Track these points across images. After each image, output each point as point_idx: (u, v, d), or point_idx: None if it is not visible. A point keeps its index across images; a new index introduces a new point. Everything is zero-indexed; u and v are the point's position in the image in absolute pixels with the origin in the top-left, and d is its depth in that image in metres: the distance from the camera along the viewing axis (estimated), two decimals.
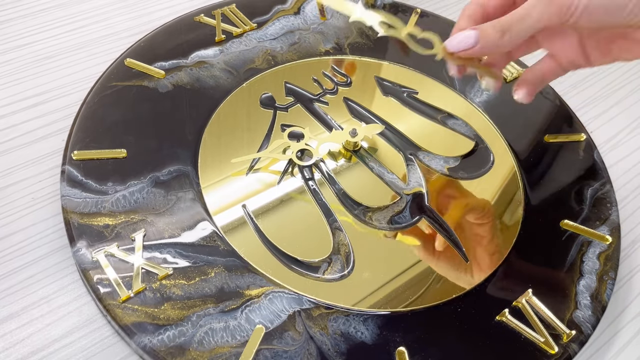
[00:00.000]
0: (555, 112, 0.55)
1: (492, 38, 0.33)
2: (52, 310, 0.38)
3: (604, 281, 0.43)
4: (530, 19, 0.32)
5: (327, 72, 0.54)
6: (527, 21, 0.32)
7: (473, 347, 0.39)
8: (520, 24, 0.32)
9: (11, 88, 0.50)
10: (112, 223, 0.40)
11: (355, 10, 0.38)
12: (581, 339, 0.40)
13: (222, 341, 0.36)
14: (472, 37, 0.34)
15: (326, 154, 0.48)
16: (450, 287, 0.42)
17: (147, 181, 0.43)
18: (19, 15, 0.57)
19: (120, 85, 0.49)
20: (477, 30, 0.34)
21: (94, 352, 0.37)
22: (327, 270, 0.41)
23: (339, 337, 0.38)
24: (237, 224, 0.42)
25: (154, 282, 0.38)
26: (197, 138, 0.47)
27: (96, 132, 0.45)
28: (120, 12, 0.59)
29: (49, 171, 0.45)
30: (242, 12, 0.58)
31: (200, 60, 0.53)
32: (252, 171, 0.46)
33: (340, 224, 0.44)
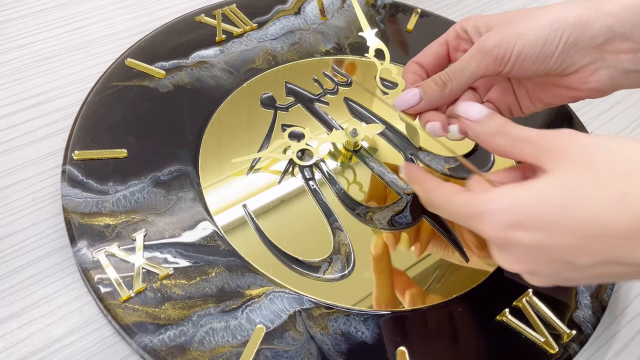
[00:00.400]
0: (556, 112, 0.55)
1: (435, 92, 0.36)
2: (52, 310, 0.38)
3: None
4: (468, 70, 0.35)
5: (327, 72, 0.55)
6: (465, 73, 0.35)
7: (473, 347, 0.39)
8: (460, 76, 0.35)
9: (11, 88, 0.50)
10: (112, 223, 0.40)
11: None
12: (581, 339, 0.40)
13: (222, 341, 0.36)
14: (417, 94, 0.36)
15: (326, 154, 0.48)
16: (451, 287, 0.42)
17: (147, 181, 0.43)
18: (19, 15, 0.57)
19: (121, 85, 0.49)
20: (420, 87, 0.36)
21: (94, 352, 0.37)
22: (327, 270, 0.41)
23: (340, 337, 0.38)
24: (237, 224, 0.42)
25: (154, 282, 0.38)
26: (197, 138, 0.47)
27: (97, 132, 0.45)
28: (121, 12, 0.59)
29: (49, 171, 0.45)
30: (243, 12, 0.58)
31: (201, 60, 0.53)
32: (253, 171, 0.46)
33: (340, 224, 0.44)
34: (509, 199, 0.29)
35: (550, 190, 0.28)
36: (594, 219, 0.27)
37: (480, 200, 0.30)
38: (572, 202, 0.27)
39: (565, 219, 0.27)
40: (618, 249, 0.27)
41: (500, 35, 0.33)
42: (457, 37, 0.38)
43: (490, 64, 0.34)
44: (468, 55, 0.35)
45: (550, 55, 0.33)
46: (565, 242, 0.28)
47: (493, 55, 0.34)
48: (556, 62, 0.34)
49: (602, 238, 0.27)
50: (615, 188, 0.27)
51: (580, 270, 0.29)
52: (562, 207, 0.27)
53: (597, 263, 0.28)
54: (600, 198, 0.27)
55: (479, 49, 0.34)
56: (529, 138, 0.31)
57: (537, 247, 0.29)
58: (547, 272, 0.30)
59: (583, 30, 0.33)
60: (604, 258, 0.28)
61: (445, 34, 0.39)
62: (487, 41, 0.34)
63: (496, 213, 0.29)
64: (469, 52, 0.35)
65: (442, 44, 0.39)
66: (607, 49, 0.34)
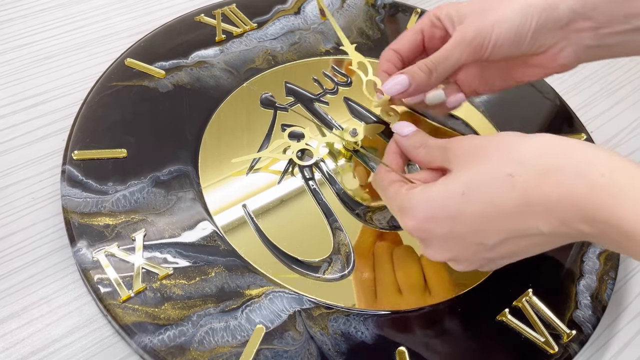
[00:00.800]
0: (556, 112, 0.55)
1: (422, 78, 0.39)
2: (52, 310, 0.38)
3: (604, 281, 0.43)
4: (452, 58, 0.38)
5: (327, 72, 0.54)
6: (450, 60, 0.38)
7: (473, 347, 0.39)
8: (445, 63, 0.38)
9: (11, 88, 0.50)
10: (112, 223, 0.40)
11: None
12: (581, 339, 0.40)
13: (222, 341, 0.36)
14: (405, 80, 0.39)
15: (326, 153, 0.48)
16: (451, 287, 0.42)
17: (147, 181, 0.43)
18: (19, 15, 0.57)
19: (121, 85, 0.49)
20: (407, 73, 0.39)
21: (94, 352, 0.37)
22: (327, 270, 0.41)
23: (340, 337, 0.38)
24: (237, 224, 0.42)
25: (154, 282, 0.38)
26: (197, 138, 0.47)
27: (96, 132, 0.45)
28: (121, 12, 0.59)
29: (49, 171, 0.45)
30: (243, 12, 0.58)
31: (201, 60, 0.53)
32: (253, 171, 0.46)
33: (340, 224, 0.44)
34: (423, 196, 0.33)
35: (452, 183, 0.33)
36: (489, 201, 0.31)
37: (402, 196, 0.34)
38: (470, 189, 0.32)
39: (467, 205, 0.32)
40: (515, 224, 0.31)
41: (478, 25, 0.37)
42: (431, 26, 0.41)
43: (472, 52, 0.37)
44: (451, 45, 0.38)
45: (523, 39, 0.37)
46: (472, 227, 0.32)
47: (474, 45, 0.37)
48: (528, 45, 0.38)
49: (499, 216, 0.31)
50: (502, 171, 0.31)
51: (493, 249, 0.33)
52: (462, 195, 0.32)
53: (504, 239, 0.32)
54: (492, 182, 0.31)
55: (461, 39, 0.37)
56: (441, 146, 0.35)
57: (450, 235, 0.33)
58: (466, 257, 0.34)
59: (549, 13, 0.37)
60: (507, 234, 0.31)
61: (419, 23, 0.41)
62: (468, 32, 0.37)
63: (414, 209, 0.34)
64: (452, 42, 0.38)
65: (418, 32, 0.41)
66: (571, 29, 0.37)
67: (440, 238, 0.34)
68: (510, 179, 0.30)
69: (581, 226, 0.29)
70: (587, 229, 0.29)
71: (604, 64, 0.64)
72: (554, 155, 0.30)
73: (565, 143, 0.31)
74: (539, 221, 0.30)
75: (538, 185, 0.30)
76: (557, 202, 0.29)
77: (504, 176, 0.30)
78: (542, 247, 0.33)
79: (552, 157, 0.30)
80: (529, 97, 0.57)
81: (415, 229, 0.34)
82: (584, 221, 0.29)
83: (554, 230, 0.30)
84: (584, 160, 0.29)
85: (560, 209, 0.29)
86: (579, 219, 0.29)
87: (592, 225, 0.29)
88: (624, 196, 0.28)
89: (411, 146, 0.37)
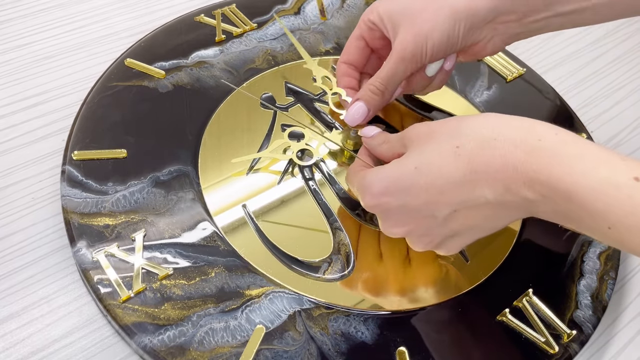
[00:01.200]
0: (556, 112, 0.55)
1: (376, 101, 0.43)
2: (52, 310, 0.38)
3: (605, 281, 0.43)
4: (397, 76, 0.42)
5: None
6: (396, 78, 0.42)
7: (474, 347, 0.39)
8: (392, 81, 0.42)
9: (11, 88, 0.50)
10: (112, 223, 0.40)
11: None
12: (582, 339, 0.40)
13: (222, 341, 0.36)
14: (362, 107, 0.43)
15: (326, 154, 0.48)
16: (451, 287, 0.42)
17: (147, 181, 0.43)
18: (19, 15, 0.57)
19: (121, 86, 0.49)
20: (362, 100, 0.43)
21: (94, 352, 0.37)
22: (327, 270, 0.41)
23: (340, 337, 0.38)
24: (237, 224, 0.42)
25: (154, 282, 0.38)
26: (197, 138, 0.47)
27: (96, 132, 0.45)
28: (120, 12, 0.59)
29: (49, 171, 0.45)
30: (243, 12, 0.58)
31: (201, 60, 0.53)
32: (253, 171, 0.46)
33: (340, 224, 0.44)
34: (379, 174, 0.36)
35: (405, 160, 0.35)
36: (439, 172, 0.33)
37: (360, 176, 0.37)
38: (421, 162, 0.34)
39: (419, 177, 0.34)
40: (463, 194, 0.32)
41: (413, 40, 0.40)
42: (369, 30, 0.44)
43: (413, 64, 0.42)
44: (393, 64, 0.42)
45: (455, 43, 0.41)
46: (424, 198, 0.34)
47: (414, 59, 0.41)
48: (460, 45, 0.42)
49: (449, 187, 0.33)
50: (450, 144, 0.33)
51: (446, 223, 0.34)
52: (415, 168, 0.34)
53: (454, 211, 0.33)
54: (440, 154, 0.33)
55: (402, 57, 0.41)
56: (399, 136, 0.38)
57: (404, 208, 0.35)
58: (420, 231, 0.36)
59: (474, 16, 0.40)
60: (456, 205, 0.33)
61: (358, 29, 0.45)
62: (406, 51, 0.41)
63: (370, 186, 0.36)
64: (393, 60, 0.41)
65: (360, 38, 0.45)
66: (497, 23, 0.41)
67: (396, 211, 0.36)
68: (456, 149, 0.33)
69: (524, 191, 0.31)
70: (530, 194, 0.30)
71: (604, 64, 0.64)
72: (494, 126, 0.32)
73: (505, 117, 0.33)
74: (484, 188, 0.32)
75: (480, 153, 0.32)
76: (500, 168, 0.31)
77: (451, 148, 0.33)
78: (493, 222, 0.34)
79: (492, 129, 0.32)
80: (529, 97, 0.57)
81: (372, 203, 0.36)
82: (526, 186, 0.30)
83: (500, 198, 0.32)
84: (522, 127, 0.32)
85: (503, 174, 0.31)
86: (521, 183, 0.30)
87: (534, 190, 0.30)
88: (562, 155, 0.30)
89: (375, 144, 0.40)
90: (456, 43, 0.41)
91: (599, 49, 0.66)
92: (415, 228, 0.36)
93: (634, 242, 0.28)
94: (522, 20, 0.41)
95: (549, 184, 0.29)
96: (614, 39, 0.68)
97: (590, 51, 0.66)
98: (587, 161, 0.29)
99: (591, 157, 0.29)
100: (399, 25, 0.42)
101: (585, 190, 0.28)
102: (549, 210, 0.31)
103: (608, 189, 0.28)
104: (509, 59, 0.59)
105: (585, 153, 0.29)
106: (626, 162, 0.29)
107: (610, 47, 0.67)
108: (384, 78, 0.42)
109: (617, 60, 0.65)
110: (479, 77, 0.57)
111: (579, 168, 0.29)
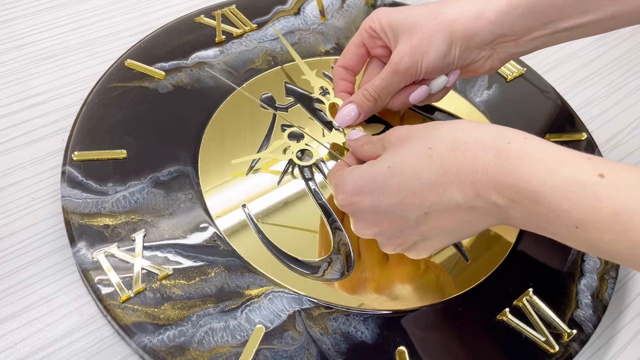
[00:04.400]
0: (557, 111, 0.55)
1: (369, 106, 0.44)
2: (52, 310, 0.38)
3: (605, 280, 0.43)
4: (391, 87, 0.43)
5: (327, 72, 0.54)
6: (390, 88, 0.43)
7: (474, 346, 0.39)
8: (386, 91, 0.43)
9: (11, 88, 0.50)
10: (112, 223, 0.40)
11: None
12: (582, 338, 0.40)
13: (222, 341, 0.36)
14: (354, 109, 0.44)
15: (326, 154, 0.48)
16: (451, 286, 0.41)
17: (147, 182, 0.43)
18: (19, 15, 0.57)
19: (121, 86, 0.49)
20: (355, 102, 0.44)
21: (94, 352, 0.37)
22: (327, 270, 0.41)
23: (339, 337, 0.38)
24: (237, 224, 0.42)
25: (154, 282, 0.38)
26: (197, 138, 0.47)
27: (96, 132, 0.45)
28: (121, 12, 0.59)
29: (49, 171, 0.45)
30: (242, 12, 0.58)
31: (201, 61, 0.53)
32: (252, 172, 0.46)
33: (340, 224, 0.44)
34: (353, 173, 0.36)
35: (380, 161, 0.35)
36: (412, 173, 0.33)
37: (337, 176, 0.37)
38: (395, 163, 0.34)
39: (392, 177, 0.34)
40: (434, 196, 0.33)
41: (408, 55, 0.41)
42: (370, 37, 0.45)
43: (407, 78, 0.43)
44: (388, 75, 0.42)
45: (450, 63, 0.42)
46: (396, 198, 0.34)
47: (407, 75, 0.42)
48: (456, 65, 0.43)
49: (420, 188, 0.33)
50: (423, 146, 0.33)
51: (417, 225, 0.34)
52: (388, 168, 0.34)
53: (425, 214, 0.33)
54: (414, 156, 0.33)
55: (395, 70, 0.42)
56: (380, 138, 0.38)
57: (376, 207, 0.35)
58: (391, 232, 0.36)
59: (471, 39, 0.41)
60: (428, 207, 0.33)
61: (359, 35, 0.45)
62: (400, 64, 0.41)
63: (344, 184, 0.36)
64: (388, 72, 0.42)
65: (360, 45, 0.46)
66: (495, 44, 0.42)
67: (367, 210, 0.36)
68: (429, 151, 0.33)
69: (494, 197, 0.31)
70: (500, 200, 0.31)
71: (604, 64, 0.64)
72: (467, 130, 0.33)
73: (476, 123, 0.34)
74: (454, 191, 0.32)
75: (452, 155, 0.32)
76: (470, 172, 0.31)
77: (424, 149, 0.33)
78: (464, 227, 0.34)
79: (464, 132, 0.33)
80: (530, 97, 0.56)
81: (344, 201, 0.37)
82: (496, 191, 0.31)
83: (470, 202, 0.32)
84: (492, 132, 0.32)
85: (473, 177, 0.31)
86: (491, 188, 0.31)
87: (503, 195, 0.31)
88: (529, 157, 0.30)
89: (358, 145, 0.40)
90: (452, 63, 0.42)
91: (599, 49, 0.66)
92: (386, 229, 0.36)
93: (602, 239, 0.28)
94: (520, 40, 0.42)
95: (516, 187, 0.30)
96: (614, 39, 0.68)
97: (590, 51, 0.66)
98: (552, 162, 0.29)
99: (557, 157, 0.30)
100: (399, 35, 0.42)
101: (551, 190, 0.29)
102: (519, 217, 0.31)
103: (573, 187, 0.28)
104: None
105: (551, 155, 0.30)
106: (592, 160, 0.29)
107: (610, 47, 0.67)
108: (378, 87, 0.43)
109: (617, 60, 0.65)
110: (479, 77, 0.57)
111: (545, 168, 0.29)
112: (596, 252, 0.29)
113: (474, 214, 0.33)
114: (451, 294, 0.41)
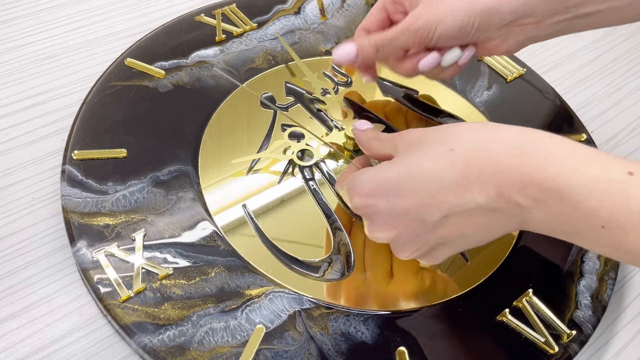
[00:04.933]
0: (556, 111, 0.55)
1: (369, 53, 0.43)
2: (52, 310, 0.38)
3: (605, 281, 0.43)
4: (398, 42, 0.42)
5: (327, 72, 0.54)
6: (395, 43, 0.42)
7: (473, 347, 0.39)
8: (390, 45, 0.42)
9: (11, 88, 0.50)
10: (112, 223, 0.40)
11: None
12: (581, 339, 0.40)
13: (222, 341, 0.36)
14: (353, 49, 0.43)
15: (327, 154, 0.48)
16: (451, 287, 0.41)
17: (147, 181, 0.43)
18: (19, 15, 0.57)
19: (121, 85, 0.49)
20: (357, 43, 0.43)
21: (94, 352, 0.37)
22: (327, 270, 0.41)
23: (340, 337, 0.38)
24: (237, 224, 0.42)
25: (154, 282, 0.38)
26: (197, 138, 0.47)
27: (96, 132, 0.45)
28: (120, 12, 0.59)
29: (49, 171, 0.45)
30: (243, 12, 0.58)
31: (201, 60, 0.53)
32: (253, 171, 0.46)
33: (340, 224, 0.44)
34: (367, 175, 0.35)
35: (395, 162, 0.35)
36: (431, 175, 0.32)
37: (349, 179, 0.36)
38: (412, 165, 0.33)
39: (408, 179, 0.33)
40: (454, 198, 0.32)
41: (425, 18, 0.40)
42: (392, 2, 0.44)
43: (417, 41, 0.41)
44: (399, 31, 0.41)
45: (465, 36, 0.41)
46: (413, 200, 0.33)
47: (418, 35, 0.41)
48: (471, 39, 0.41)
49: (439, 190, 0.32)
50: (444, 147, 0.32)
51: (435, 229, 0.33)
52: (406, 170, 0.33)
53: (444, 216, 0.32)
54: (432, 157, 0.33)
55: (408, 28, 0.41)
56: (390, 137, 0.37)
57: (392, 210, 0.34)
58: (407, 237, 0.35)
59: (492, 16, 0.40)
60: (447, 210, 0.32)
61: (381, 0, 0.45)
62: (415, 23, 0.40)
63: (358, 187, 0.35)
64: (400, 27, 0.41)
65: (382, 9, 0.45)
66: (514, 25, 0.41)
67: (383, 213, 0.35)
68: (451, 152, 0.32)
69: (516, 197, 0.30)
70: (523, 200, 0.30)
71: (604, 65, 0.64)
72: (487, 131, 0.32)
73: (497, 124, 0.33)
74: (475, 192, 0.31)
75: (475, 156, 0.31)
76: (493, 172, 0.31)
77: (445, 151, 0.32)
78: (483, 231, 0.33)
79: (486, 133, 0.32)
80: (529, 97, 0.57)
81: (359, 204, 0.35)
82: (519, 191, 0.30)
83: (492, 204, 0.31)
84: (515, 133, 0.32)
85: (496, 178, 0.30)
86: (514, 188, 0.30)
87: (526, 195, 0.30)
88: (554, 156, 0.29)
89: (366, 138, 0.39)
90: (467, 36, 0.41)
91: (599, 49, 0.66)
92: (402, 232, 0.35)
93: (629, 239, 0.27)
94: (540, 23, 0.41)
95: (541, 186, 0.29)
96: (614, 39, 0.68)
97: (590, 51, 0.66)
98: (578, 160, 0.29)
99: (582, 156, 0.29)
100: (419, 4, 0.41)
101: (577, 188, 0.28)
102: (541, 217, 0.30)
103: (600, 185, 0.28)
104: (509, 59, 0.59)
105: (576, 153, 0.29)
106: (619, 159, 0.29)
107: (610, 47, 0.67)
108: (384, 39, 0.42)
109: (617, 60, 0.65)
110: (479, 77, 0.57)
111: (571, 167, 0.29)
112: (620, 253, 0.29)
113: (493, 216, 0.32)
114: (451, 295, 0.41)
